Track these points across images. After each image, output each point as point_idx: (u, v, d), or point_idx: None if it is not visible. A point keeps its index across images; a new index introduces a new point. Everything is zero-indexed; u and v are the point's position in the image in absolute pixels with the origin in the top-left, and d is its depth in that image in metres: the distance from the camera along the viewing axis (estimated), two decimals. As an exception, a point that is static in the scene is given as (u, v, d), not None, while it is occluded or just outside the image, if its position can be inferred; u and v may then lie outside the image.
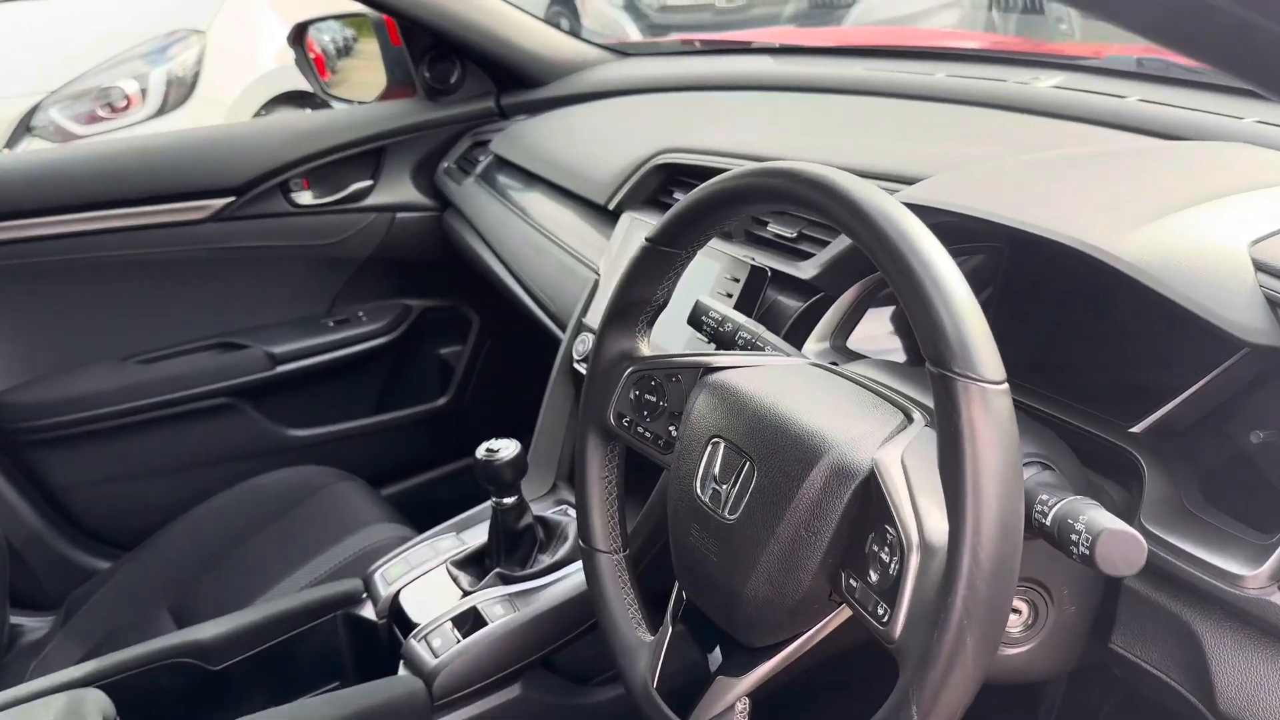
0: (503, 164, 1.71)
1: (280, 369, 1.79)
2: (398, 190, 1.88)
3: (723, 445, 0.71)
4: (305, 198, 1.83)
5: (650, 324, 0.83)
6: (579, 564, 1.11)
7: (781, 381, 0.73)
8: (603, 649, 1.09)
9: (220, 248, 1.77)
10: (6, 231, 1.63)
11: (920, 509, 0.59)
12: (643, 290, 0.81)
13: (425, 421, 1.97)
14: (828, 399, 0.70)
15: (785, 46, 1.76)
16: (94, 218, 1.68)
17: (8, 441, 1.67)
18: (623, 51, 1.90)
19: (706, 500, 0.71)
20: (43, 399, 1.66)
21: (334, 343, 1.84)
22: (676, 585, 0.77)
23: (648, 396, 0.81)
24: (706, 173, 1.19)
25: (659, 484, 1.03)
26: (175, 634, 1.10)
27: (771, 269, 1.02)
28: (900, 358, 0.95)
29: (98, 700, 1.00)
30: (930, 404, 0.69)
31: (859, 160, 0.96)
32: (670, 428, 0.80)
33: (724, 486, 0.69)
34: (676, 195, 1.24)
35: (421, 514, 1.65)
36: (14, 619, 1.57)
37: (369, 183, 1.86)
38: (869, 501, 0.62)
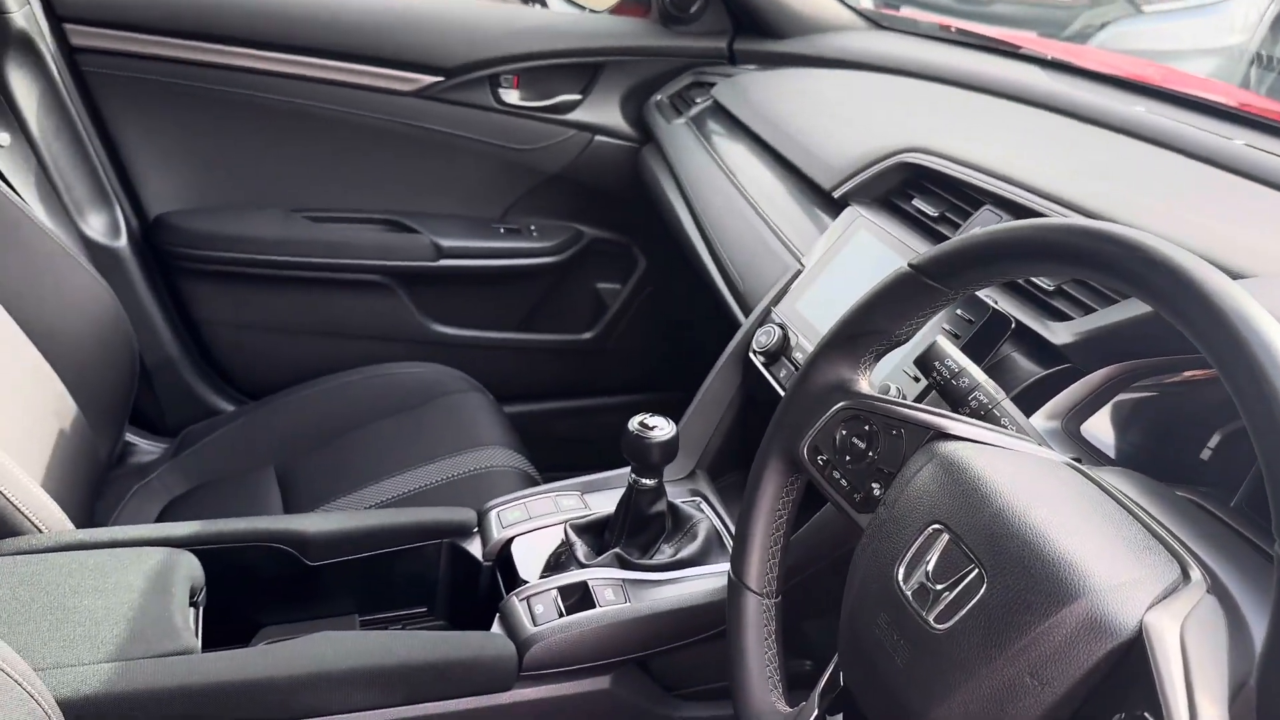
0: (720, 112, 1.60)
1: (442, 262, 1.74)
2: (603, 112, 1.79)
3: (946, 537, 0.59)
4: (512, 96, 1.75)
5: (878, 358, 0.72)
6: (702, 569, 1.03)
7: (1033, 480, 0.61)
8: (701, 662, 1.02)
9: (414, 125, 1.71)
10: (219, 56, 1.61)
11: (1197, 706, 0.47)
12: (885, 321, 0.69)
13: (565, 352, 1.91)
14: (1089, 521, 0.58)
15: (1057, 61, 1.58)
16: (304, 63, 1.65)
17: (163, 263, 1.67)
18: (877, 22, 1.74)
19: (909, 594, 0.60)
20: (206, 230, 1.65)
21: (500, 250, 1.78)
22: (834, 663, 0.67)
23: (855, 441, 0.70)
24: (959, 186, 1.07)
25: (821, 516, 0.92)
26: (280, 518, 1.07)
27: (1016, 320, 0.88)
28: (1146, 468, 0.81)
29: (190, 565, 0.97)
30: (1209, 560, 0.57)
31: (1181, 235, 0.81)
32: (874, 485, 0.69)
33: (937, 586, 0.58)
34: (916, 201, 1.11)
35: (537, 443, 1.59)
36: (130, 437, 1.58)
37: (577, 97, 1.78)
38: (1126, 672, 0.51)
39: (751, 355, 1.15)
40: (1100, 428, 0.84)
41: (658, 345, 1.96)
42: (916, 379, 0.90)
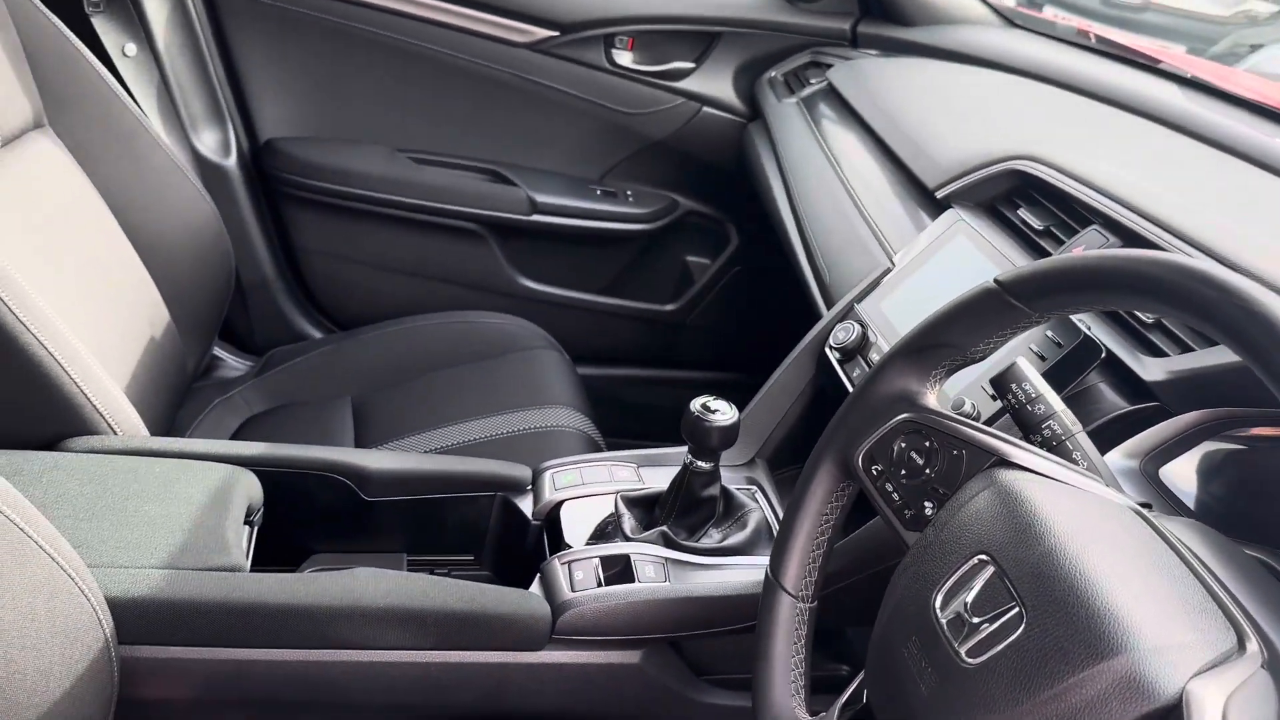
0: (832, 95, 1.55)
1: (536, 217, 1.75)
2: (715, 83, 1.76)
3: (990, 570, 0.57)
4: (625, 58, 1.74)
5: (950, 373, 0.69)
6: (747, 559, 1.01)
7: (1093, 522, 0.57)
8: (734, 651, 1.00)
9: (525, 78, 1.71)
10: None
11: (1231, 790, 0.44)
12: (961, 335, 0.66)
13: (646, 321, 1.90)
14: (1145, 573, 0.54)
15: (1198, 80, 1.49)
16: (427, 5, 1.66)
17: (269, 187, 1.71)
18: (1011, 19, 1.67)
19: (944, 621, 0.57)
20: (313, 159, 1.69)
21: (594, 211, 1.78)
22: (858, 680, 0.66)
23: (914, 455, 0.68)
24: (1069, 201, 1.02)
25: (869, 528, 0.90)
26: (343, 451, 1.09)
27: (1108, 350, 0.84)
28: (1222, 523, 0.77)
29: (250, 485, 1.00)
30: (1271, 632, 0.53)
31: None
32: (927, 503, 0.67)
33: (974, 619, 0.56)
34: (1022, 211, 1.06)
35: (606, 407, 1.60)
36: (218, 351, 1.63)
37: (691, 65, 1.75)
38: (1160, 740, 0.48)
39: (827, 350, 1.12)
40: (1181, 474, 0.79)
41: (739, 326, 1.94)
42: (994, 398, 0.86)
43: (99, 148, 1.30)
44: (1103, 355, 0.84)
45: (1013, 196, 1.10)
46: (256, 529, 1.00)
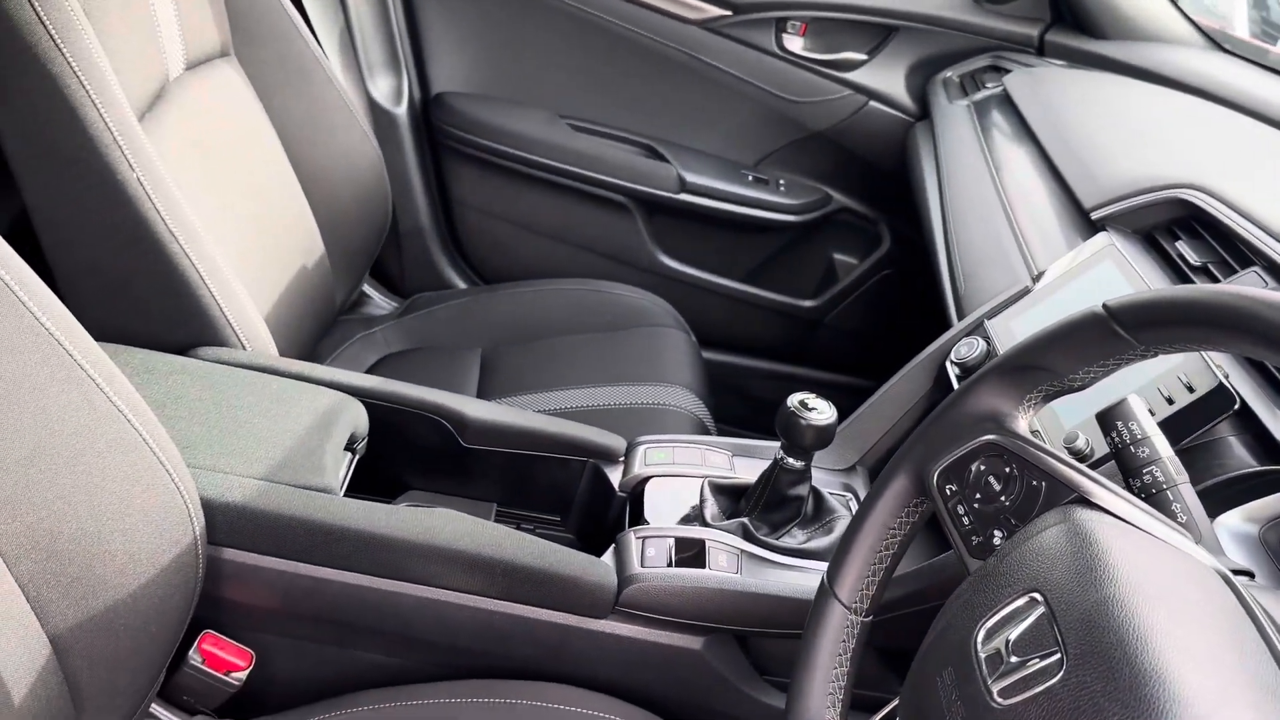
0: (1005, 103, 1.48)
1: (684, 196, 1.74)
2: (885, 78, 1.70)
3: (1040, 610, 0.53)
4: (795, 44, 1.70)
5: (1047, 399, 0.64)
6: (826, 565, 0.98)
7: (1166, 579, 0.52)
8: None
9: (692, 55, 1.70)
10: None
11: None
12: (1061, 361, 0.62)
13: (782, 314, 1.87)
14: (1212, 643, 0.49)
15: None
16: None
17: (433, 138, 1.77)
18: (1218, 43, 1.54)
19: (982, 656, 0.54)
20: (478, 116, 1.73)
21: (744, 197, 1.76)
22: (893, 704, 0.62)
23: (991, 480, 0.64)
24: (1234, 239, 0.93)
25: (944, 558, 0.85)
26: (449, 396, 1.12)
27: (1242, 401, 0.77)
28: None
29: (357, 414, 1.04)
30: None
31: None
32: (997, 532, 0.63)
33: (1012, 658, 0.52)
34: (1181, 244, 0.98)
35: (726, 395, 1.58)
36: (367, 288, 1.71)
37: (863, 57, 1.70)
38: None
39: (948, 364, 1.07)
40: (1307, 550, 0.71)
41: (880, 332, 1.88)
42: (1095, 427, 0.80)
43: (278, 81, 1.38)
44: (1235, 406, 0.76)
45: (1173, 227, 1.01)
46: (358, 458, 1.04)
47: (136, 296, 1.06)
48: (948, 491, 0.66)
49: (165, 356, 1.02)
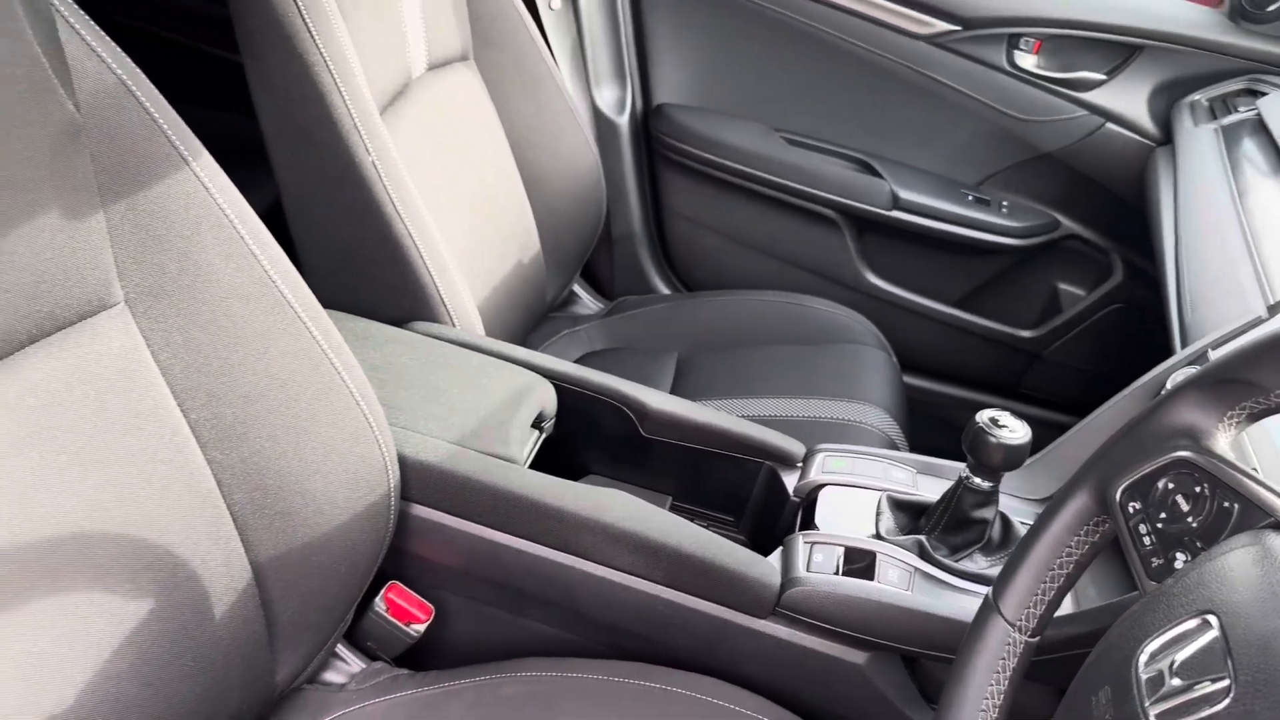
0: (1259, 129, 1.35)
1: (896, 214, 1.70)
2: (1125, 99, 1.60)
3: (1212, 633, 0.48)
4: (1027, 61, 1.63)
5: (1252, 419, 0.59)
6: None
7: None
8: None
9: (917, 71, 1.67)
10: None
11: None
12: (1268, 376, 0.56)
13: (996, 343, 1.78)
14: None
15: None
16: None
17: (651, 148, 1.82)
18: None
19: (1143, 678, 0.50)
20: (696, 127, 1.77)
21: (962, 217, 1.70)
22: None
23: (1179, 500, 0.59)
24: None
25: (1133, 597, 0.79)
26: (633, 386, 1.15)
27: None
28: None
29: (547, 394, 1.09)
30: None
31: None
32: (1179, 555, 0.57)
33: (1175, 681, 0.48)
34: None
35: (926, 422, 1.53)
36: (576, 288, 1.78)
37: (1101, 77, 1.60)
38: None
39: (1166, 387, 0.99)
40: None
41: (1106, 369, 1.76)
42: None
43: (510, 86, 1.47)
44: None
45: None
46: (544, 436, 1.08)
47: (363, 270, 1.15)
48: (1130, 510, 0.61)
49: (382, 326, 1.11)
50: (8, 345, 0.63)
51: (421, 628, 0.98)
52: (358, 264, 1.15)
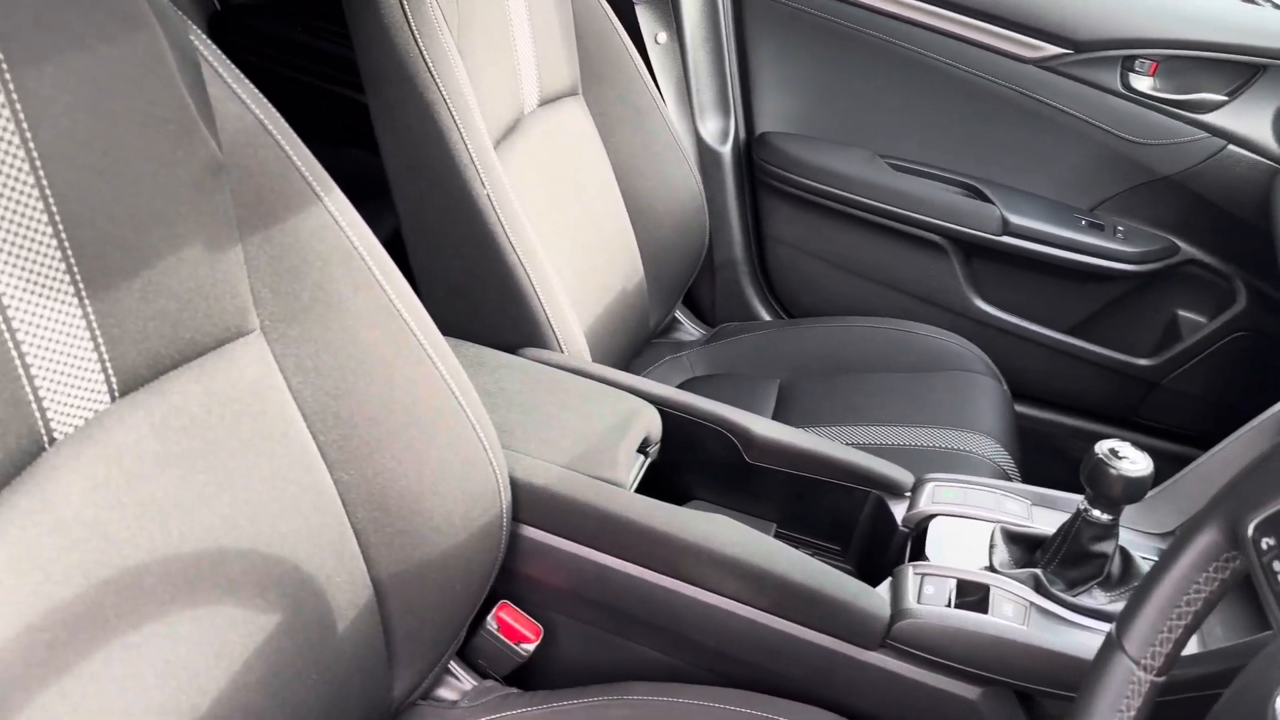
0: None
1: (1006, 239, 1.67)
2: (1248, 121, 1.54)
3: (1360, 679, 0.46)
4: (1143, 84, 1.59)
5: (1401, 452, 0.56)
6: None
7: None
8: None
9: (1026, 94, 1.64)
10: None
11: None
12: None
13: (1110, 370, 1.72)
14: None
15: None
16: (939, 15, 1.65)
17: (754, 176, 1.83)
18: None
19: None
20: (800, 155, 1.77)
21: (1075, 243, 1.65)
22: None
23: (1319, 536, 0.56)
24: None
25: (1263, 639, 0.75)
26: (737, 412, 1.15)
27: None
28: None
29: (652, 419, 1.10)
30: None
31: None
32: (1319, 596, 0.55)
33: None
34: None
35: (1039, 453, 1.48)
36: (677, 314, 1.79)
37: (1222, 99, 1.55)
38: None
39: (1300, 424, 0.95)
40: None
41: (1229, 401, 1.68)
42: None
43: (617, 119, 1.50)
44: None
45: None
46: (649, 460, 1.10)
47: (477, 298, 1.19)
48: (1264, 546, 0.59)
49: (495, 352, 1.14)
50: (154, 370, 0.67)
51: (531, 647, 0.99)
52: (472, 292, 1.19)
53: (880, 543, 1.09)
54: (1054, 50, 1.59)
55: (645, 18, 1.67)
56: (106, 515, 0.62)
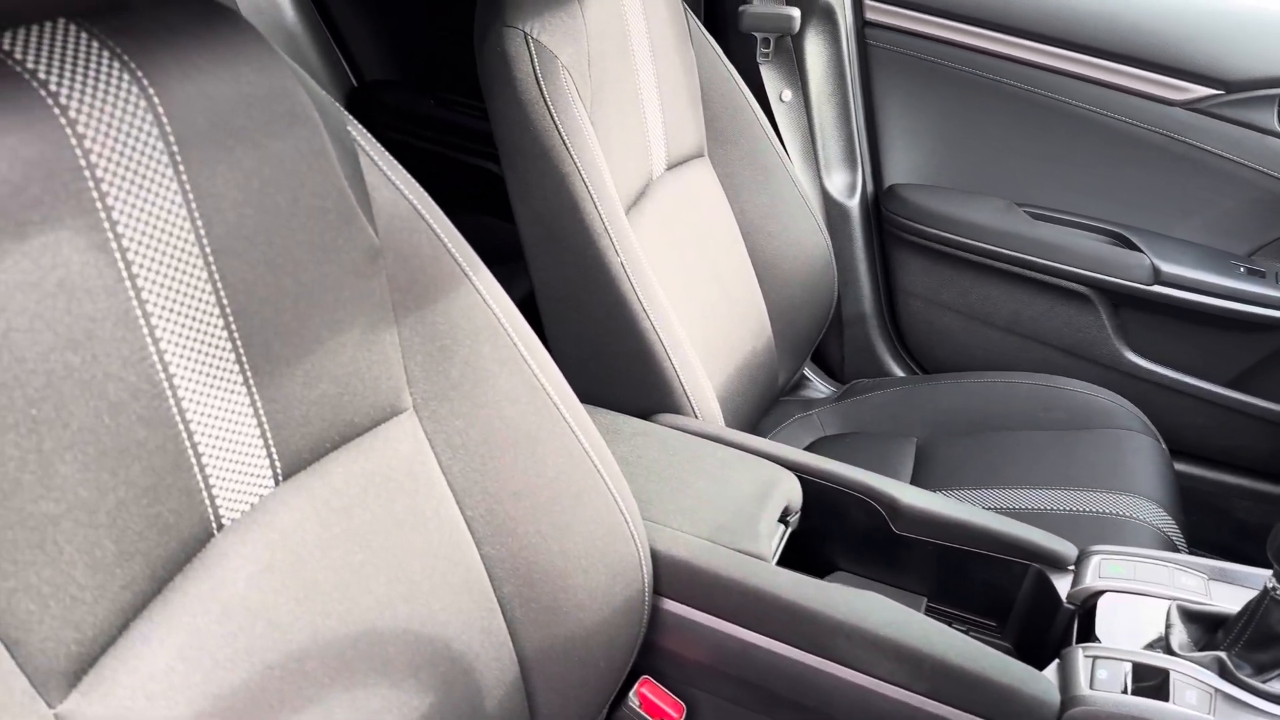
0: None
1: (1158, 288, 1.58)
2: None
3: None
4: (1302, 122, 1.50)
5: None
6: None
7: None
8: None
9: (1173, 138, 1.56)
10: (996, 44, 1.64)
11: None
12: None
13: (1275, 424, 1.61)
14: None
15: None
16: (1077, 60, 1.60)
17: (883, 229, 1.79)
18: None
19: None
20: (931, 206, 1.73)
21: (1234, 291, 1.55)
22: None
23: None
24: None
25: None
26: (882, 479, 1.11)
27: None
28: None
29: (792, 488, 1.07)
30: None
31: None
32: None
33: None
34: None
35: (1204, 515, 1.39)
36: (807, 371, 1.76)
37: (1393, 133, 1.45)
38: None
39: None
40: None
41: None
42: None
43: (743, 179, 1.49)
44: None
45: None
46: (790, 530, 1.07)
47: (611, 363, 1.19)
48: None
49: (630, 419, 1.14)
50: (315, 453, 0.68)
51: (673, 725, 0.97)
52: (606, 357, 1.19)
53: (1042, 621, 1.03)
54: (1204, 91, 1.52)
55: (770, 76, 1.67)
56: (272, 600, 0.62)
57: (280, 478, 0.66)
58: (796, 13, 1.60)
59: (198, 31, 0.60)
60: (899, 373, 1.81)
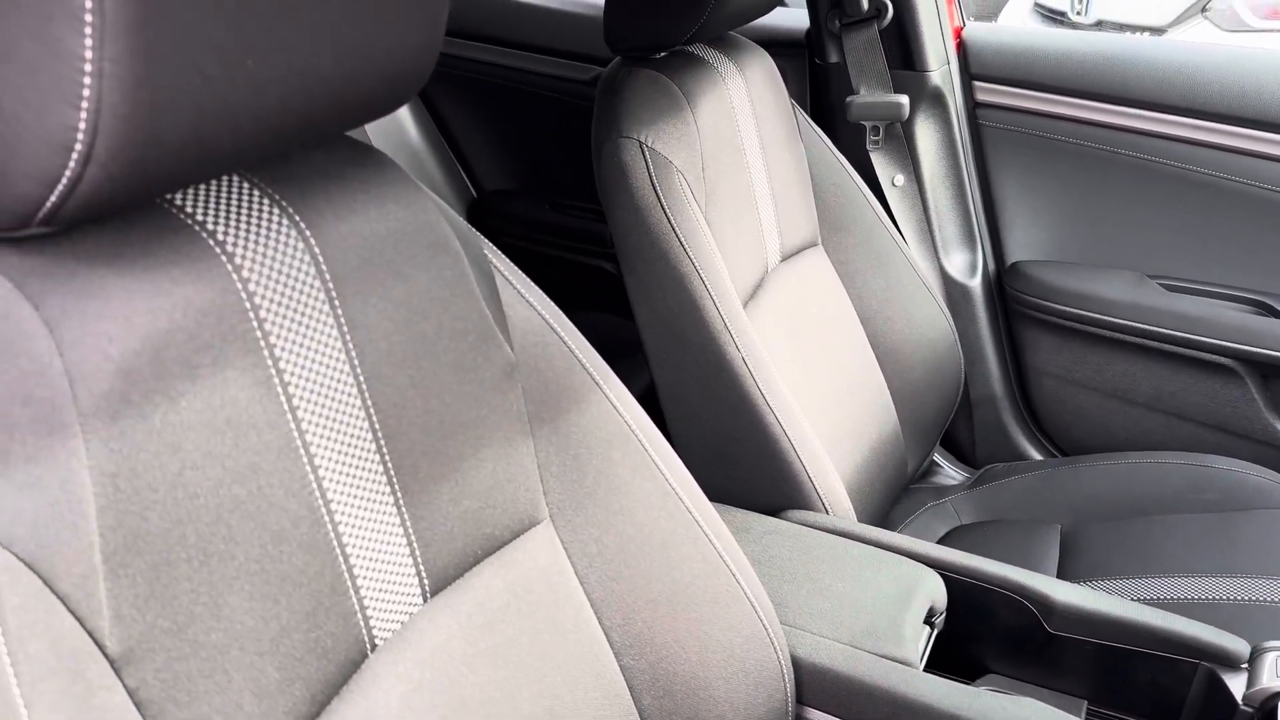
0: None
1: (1310, 356, 1.50)
2: None
3: None
4: None
5: None
6: None
7: None
8: None
9: (1314, 199, 1.49)
10: (1113, 116, 1.60)
11: None
12: None
13: None
14: None
15: None
16: (1202, 127, 1.55)
17: (1008, 307, 1.75)
18: None
19: None
20: (1058, 282, 1.68)
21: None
22: None
23: None
24: None
25: None
26: (1033, 576, 1.06)
27: None
28: None
29: (935, 587, 1.03)
30: None
31: None
32: None
33: None
34: None
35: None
36: (937, 457, 1.71)
37: None
38: None
39: None
40: None
41: None
42: None
43: (859, 266, 1.48)
44: None
45: None
46: (936, 632, 1.02)
47: (737, 461, 1.18)
48: None
49: (760, 517, 1.12)
50: (460, 568, 0.69)
51: (822, 841, 0.93)
52: (731, 454, 1.18)
53: (1217, 723, 0.96)
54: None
55: (880, 162, 1.67)
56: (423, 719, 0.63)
57: (428, 595, 0.67)
58: (905, 100, 1.60)
59: (348, 173, 0.64)
60: (1035, 455, 1.75)
